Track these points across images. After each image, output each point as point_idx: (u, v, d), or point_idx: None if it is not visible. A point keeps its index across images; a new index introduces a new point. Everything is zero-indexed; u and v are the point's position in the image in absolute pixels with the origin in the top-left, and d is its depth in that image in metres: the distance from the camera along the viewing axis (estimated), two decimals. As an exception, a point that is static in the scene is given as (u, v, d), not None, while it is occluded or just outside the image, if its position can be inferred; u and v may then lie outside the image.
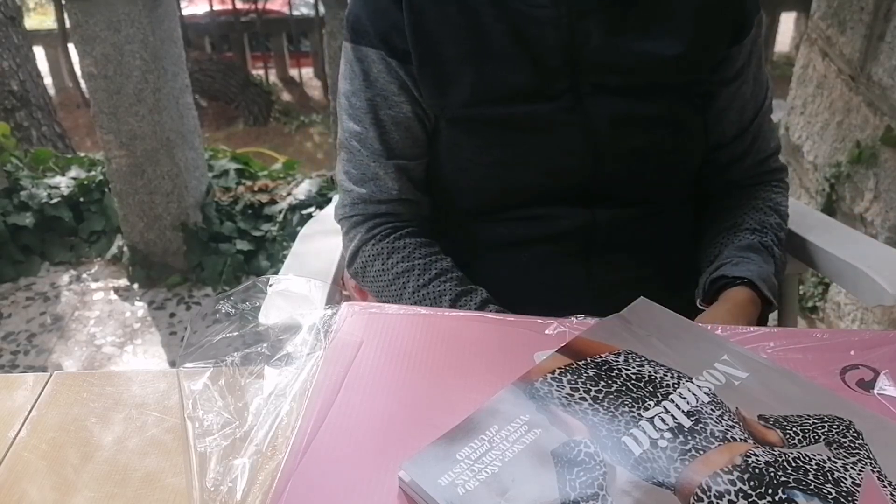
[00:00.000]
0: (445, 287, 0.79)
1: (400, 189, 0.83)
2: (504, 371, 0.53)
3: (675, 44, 0.76)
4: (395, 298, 0.82)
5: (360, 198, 0.84)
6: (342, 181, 0.86)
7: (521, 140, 0.79)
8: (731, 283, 0.79)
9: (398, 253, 0.82)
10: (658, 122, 0.79)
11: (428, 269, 0.80)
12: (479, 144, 0.80)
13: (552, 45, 0.76)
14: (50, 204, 2.73)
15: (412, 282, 0.80)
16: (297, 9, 5.82)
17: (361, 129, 0.82)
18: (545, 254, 0.83)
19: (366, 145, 0.82)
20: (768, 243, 0.83)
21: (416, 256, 0.81)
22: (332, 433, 0.49)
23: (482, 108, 0.78)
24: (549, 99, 0.77)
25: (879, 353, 0.55)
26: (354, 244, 0.84)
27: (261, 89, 5.31)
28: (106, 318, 2.40)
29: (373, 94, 0.80)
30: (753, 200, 0.88)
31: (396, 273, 0.81)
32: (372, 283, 0.84)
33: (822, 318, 2.04)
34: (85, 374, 0.59)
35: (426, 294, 0.79)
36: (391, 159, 0.82)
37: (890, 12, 1.64)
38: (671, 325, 0.58)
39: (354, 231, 0.85)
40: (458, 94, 0.78)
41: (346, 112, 0.83)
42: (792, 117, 2.16)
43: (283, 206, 2.68)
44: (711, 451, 0.45)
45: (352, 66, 0.81)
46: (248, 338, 0.58)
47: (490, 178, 0.81)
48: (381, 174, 0.82)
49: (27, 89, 3.57)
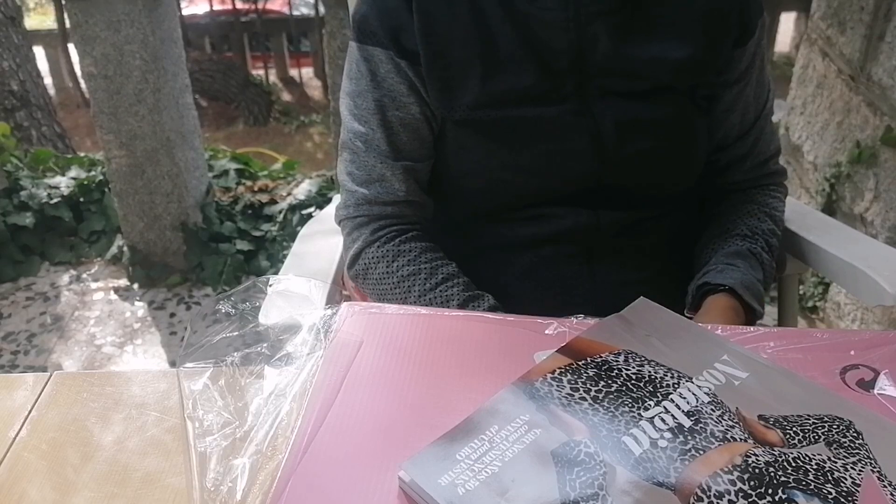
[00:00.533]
0: (453, 292, 0.78)
1: (407, 190, 0.82)
2: (504, 371, 0.53)
3: (681, 47, 0.76)
4: (398, 302, 0.81)
5: (365, 199, 0.83)
6: (345, 182, 0.85)
7: (528, 143, 0.78)
8: (714, 289, 0.79)
9: (403, 256, 0.81)
10: (664, 126, 0.79)
11: (434, 274, 0.80)
12: (486, 146, 0.80)
13: (560, 49, 0.76)
14: (50, 204, 2.73)
15: (418, 286, 0.79)
16: (297, 9, 5.82)
17: (367, 130, 0.81)
18: (549, 255, 0.83)
19: (372, 146, 0.81)
20: (757, 250, 0.83)
21: (422, 260, 0.81)
22: (332, 433, 0.49)
23: (489, 111, 0.78)
24: (556, 102, 0.77)
25: (879, 353, 0.55)
26: (357, 245, 0.83)
27: (261, 89, 5.31)
28: (106, 318, 2.40)
29: (380, 94, 0.80)
30: (748, 205, 0.88)
31: (402, 276, 0.80)
32: (375, 285, 0.83)
33: (822, 318, 2.04)
34: (85, 374, 0.59)
35: (432, 298, 0.79)
36: (399, 161, 0.81)
37: (890, 12, 1.64)
38: (671, 325, 0.58)
39: (358, 232, 0.84)
40: (466, 96, 0.78)
41: (351, 113, 0.82)
42: (792, 117, 2.16)
43: (283, 206, 2.68)
44: (711, 451, 0.45)
45: (358, 66, 0.80)
46: (248, 338, 0.58)
47: (496, 181, 0.81)
48: (388, 175, 0.81)
49: (27, 89, 3.57)
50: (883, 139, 1.67)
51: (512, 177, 0.80)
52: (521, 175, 0.80)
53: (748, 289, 0.78)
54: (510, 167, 0.80)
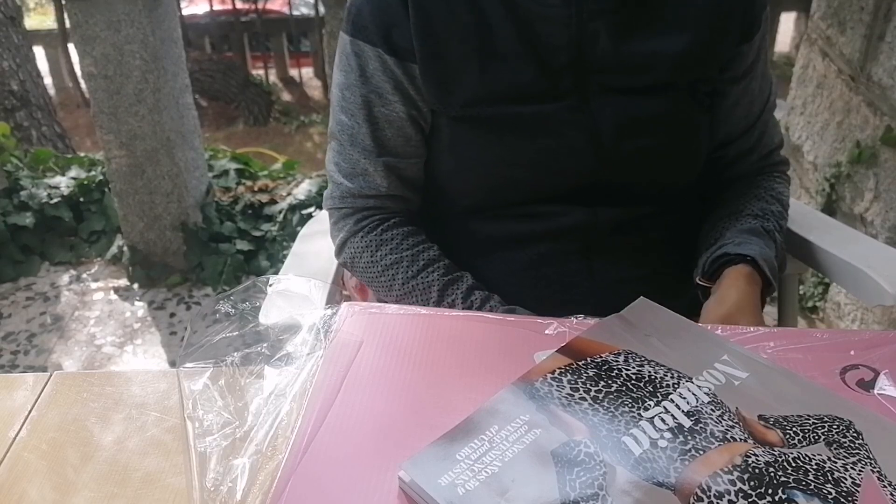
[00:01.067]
0: (433, 277, 0.81)
1: (388, 186, 0.84)
2: (504, 371, 0.53)
3: (681, 42, 0.76)
4: (385, 289, 0.83)
5: (349, 192, 0.85)
6: (332, 172, 0.87)
7: (525, 139, 0.79)
8: (733, 260, 0.79)
9: (386, 245, 0.83)
10: (664, 123, 0.79)
11: (416, 261, 0.82)
12: (483, 143, 0.80)
13: (560, 45, 0.76)
14: (50, 204, 2.73)
15: (401, 274, 0.82)
16: (297, 9, 5.82)
17: (353, 124, 0.82)
18: (548, 252, 0.83)
19: (356, 141, 0.83)
20: (770, 228, 0.83)
21: (403, 248, 0.83)
22: (332, 433, 0.49)
23: (486, 107, 0.78)
24: (555, 99, 0.77)
25: (879, 353, 0.55)
26: (343, 235, 0.86)
27: (261, 89, 5.31)
28: (106, 318, 2.40)
29: (368, 90, 0.80)
30: (756, 189, 0.89)
31: (385, 265, 0.83)
32: (362, 274, 0.86)
33: (822, 318, 2.04)
34: (85, 374, 0.59)
35: (415, 286, 0.81)
36: (381, 157, 0.82)
37: (890, 12, 1.64)
38: (671, 325, 0.58)
39: (343, 222, 0.86)
40: (463, 93, 0.78)
41: (339, 104, 0.83)
42: (792, 117, 2.16)
43: (283, 206, 2.68)
44: (711, 451, 0.45)
45: (348, 59, 0.81)
46: (248, 338, 0.58)
47: (493, 177, 0.81)
48: (371, 171, 0.83)
49: (27, 89, 3.58)
50: (883, 139, 1.67)
51: (508, 173, 0.80)
52: (518, 172, 0.80)
53: (766, 261, 0.78)
54: (507, 164, 0.80)
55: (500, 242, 0.85)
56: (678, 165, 0.83)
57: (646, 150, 0.80)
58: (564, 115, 0.78)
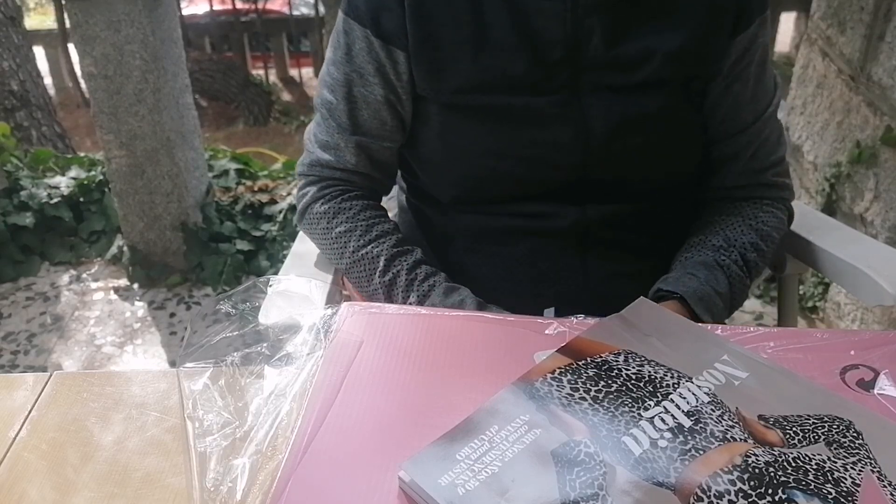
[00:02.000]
0: (382, 248, 0.82)
1: (357, 163, 0.86)
2: (504, 371, 0.53)
3: (676, 39, 0.76)
4: (337, 257, 0.85)
5: (319, 162, 0.87)
6: (309, 140, 0.89)
7: (513, 131, 0.79)
8: (664, 296, 0.79)
9: (343, 213, 0.85)
10: (656, 121, 0.79)
11: (368, 231, 0.83)
12: (472, 132, 0.80)
13: (554, 39, 0.76)
14: (50, 204, 2.73)
15: (353, 242, 0.83)
16: (297, 9, 5.82)
17: (333, 100, 0.84)
18: (540, 247, 0.83)
19: (334, 116, 0.85)
20: (726, 262, 0.81)
21: (360, 218, 0.84)
22: (332, 433, 0.49)
23: (477, 96, 0.78)
24: (546, 92, 0.77)
25: (879, 353, 0.55)
26: (305, 200, 0.88)
27: (261, 89, 5.31)
28: (106, 318, 2.40)
29: (351, 69, 0.82)
30: (732, 217, 0.86)
31: (339, 233, 0.84)
32: (318, 240, 0.88)
33: (822, 318, 2.04)
34: (85, 374, 0.59)
35: (364, 255, 0.82)
36: (354, 135, 0.84)
37: (890, 12, 1.64)
38: (671, 325, 0.58)
39: (308, 188, 0.89)
40: (454, 80, 0.78)
41: (324, 79, 0.85)
42: (792, 117, 2.16)
43: (283, 206, 2.68)
44: (711, 451, 0.45)
45: (339, 36, 0.82)
46: (248, 338, 0.58)
47: (481, 167, 0.81)
48: (342, 146, 0.85)
49: (27, 89, 3.57)
50: (883, 139, 1.67)
51: (496, 164, 0.80)
52: (506, 163, 0.80)
53: (701, 299, 0.77)
54: (494, 154, 0.80)
55: (492, 238, 0.85)
56: (669, 163, 0.83)
57: (636, 148, 0.79)
58: (555, 110, 0.78)
